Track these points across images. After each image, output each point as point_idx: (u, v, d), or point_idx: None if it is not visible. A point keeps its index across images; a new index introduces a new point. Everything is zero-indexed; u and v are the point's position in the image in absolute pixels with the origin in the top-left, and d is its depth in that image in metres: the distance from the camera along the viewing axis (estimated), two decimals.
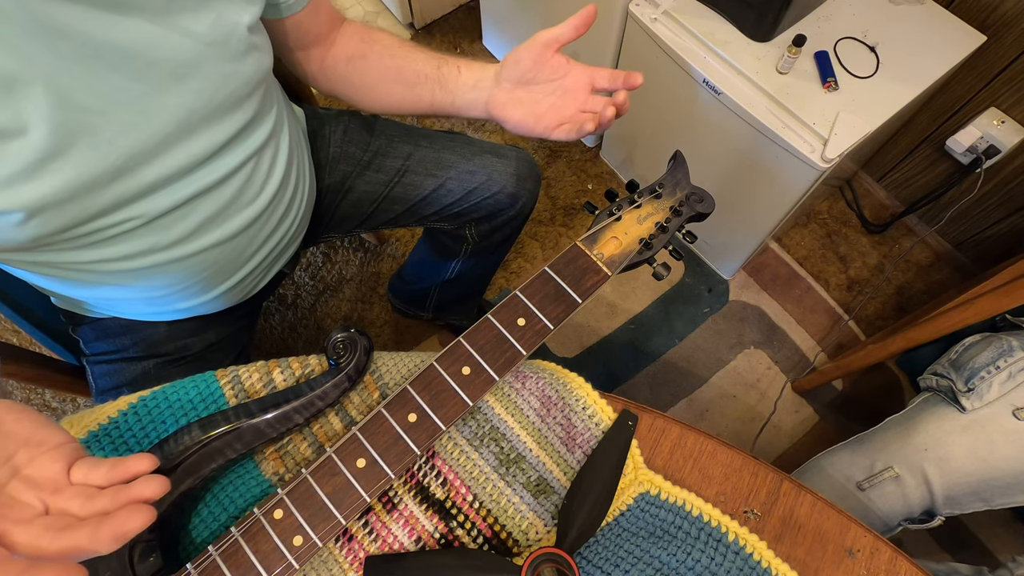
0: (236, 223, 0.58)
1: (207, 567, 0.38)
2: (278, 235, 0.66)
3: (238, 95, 0.52)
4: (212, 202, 0.55)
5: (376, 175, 0.78)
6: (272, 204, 0.62)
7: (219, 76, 0.49)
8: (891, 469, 0.80)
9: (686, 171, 0.53)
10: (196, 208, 0.54)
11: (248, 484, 0.46)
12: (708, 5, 1.03)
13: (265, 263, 0.67)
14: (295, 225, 0.69)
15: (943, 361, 0.87)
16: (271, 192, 0.61)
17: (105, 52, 0.42)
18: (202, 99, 0.49)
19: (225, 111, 0.51)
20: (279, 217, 0.64)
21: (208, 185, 0.53)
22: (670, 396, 1.31)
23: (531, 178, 0.83)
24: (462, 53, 1.66)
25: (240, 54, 0.51)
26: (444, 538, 0.45)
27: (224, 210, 0.56)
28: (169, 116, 0.47)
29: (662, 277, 0.50)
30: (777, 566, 0.45)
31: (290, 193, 0.65)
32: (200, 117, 0.49)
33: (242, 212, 0.58)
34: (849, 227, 1.48)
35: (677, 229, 0.51)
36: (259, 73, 0.54)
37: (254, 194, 0.59)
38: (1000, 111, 1.13)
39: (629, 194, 0.51)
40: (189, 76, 0.47)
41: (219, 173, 0.54)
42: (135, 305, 0.63)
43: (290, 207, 0.66)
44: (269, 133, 0.59)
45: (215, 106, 0.50)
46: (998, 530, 1.18)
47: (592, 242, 0.48)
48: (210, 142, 0.51)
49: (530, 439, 0.49)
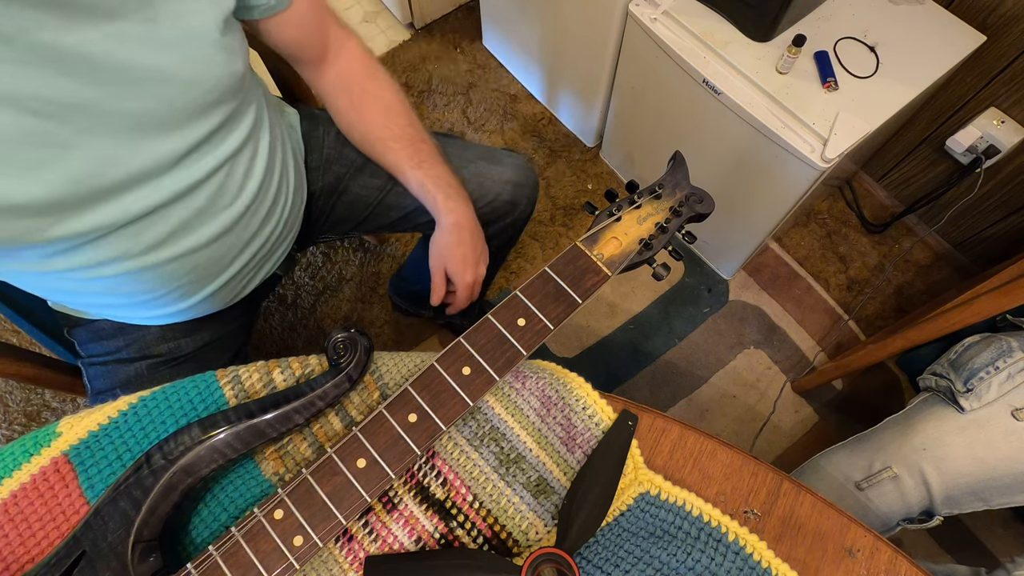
0: (212, 228, 0.57)
1: (208, 567, 0.38)
2: (261, 238, 0.65)
3: (206, 100, 0.51)
4: (183, 208, 0.54)
5: (370, 180, 0.77)
6: (251, 208, 0.61)
7: (181, 81, 0.48)
8: (890, 469, 0.80)
9: (686, 171, 0.53)
10: (167, 215, 0.53)
11: (248, 484, 0.46)
12: (708, 5, 1.03)
13: (251, 266, 0.66)
14: (280, 227, 0.68)
15: (942, 361, 0.87)
16: (249, 196, 0.60)
17: (57, 57, 0.41)
18: (162, 103, 0.48)
19: (191, 116, 0.50)
20: (260, 220, 0.63)
21: (179, 191, 0.52)
22: (670, 396, 1.31)
23: (528, 185, 0.82)
24: (462, 53, 1.66)
25: (205, 58, 0.49)
26: (444, 538, 0.45)
27: (198, 216, 0.55)
28: (127, 121, 0.46)
29: (662, 277, 0.50)
30: (777, 566, 0.45)
31: (272, 196, 0.64)
32: (161, 122, 0.48)
33: (217, 217, 0.57)
34: (849, 227, 1.48)
35: (677, 229, 0.51)
36: (229, 78, 0.52)
37: (230, 199, 0.58)
38: (1000, 111, 1.13)
39: (629, 194, 0.52)
40: (147, 80, 0.46)
41: (190, 179, 0.53)
42: (121, 310, 0.63)
43: (272, 210, 0.65)
44: (245, 137, 0.57)
45: (178, 110, 0.49)
46: (997, 530, 1.18)
47: (592, 242, 0.48)
48: (175, 147, 0.50)
49: (530, 439, 0.49)
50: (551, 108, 1.59)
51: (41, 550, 0.43)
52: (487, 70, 1.65)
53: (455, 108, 1.59)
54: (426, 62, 1.65)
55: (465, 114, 1.59)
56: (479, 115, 1.58)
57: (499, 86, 1.63)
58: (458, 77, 1.64)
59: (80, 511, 0.44)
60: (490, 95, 1.61)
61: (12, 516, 0.44)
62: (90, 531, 0.40)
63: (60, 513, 0.44)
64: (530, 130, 1.57)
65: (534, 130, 1.57)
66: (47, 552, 0.42)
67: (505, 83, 1.63)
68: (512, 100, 1.61)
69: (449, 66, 1.65)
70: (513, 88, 1.62)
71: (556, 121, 1.59)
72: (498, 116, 1.59)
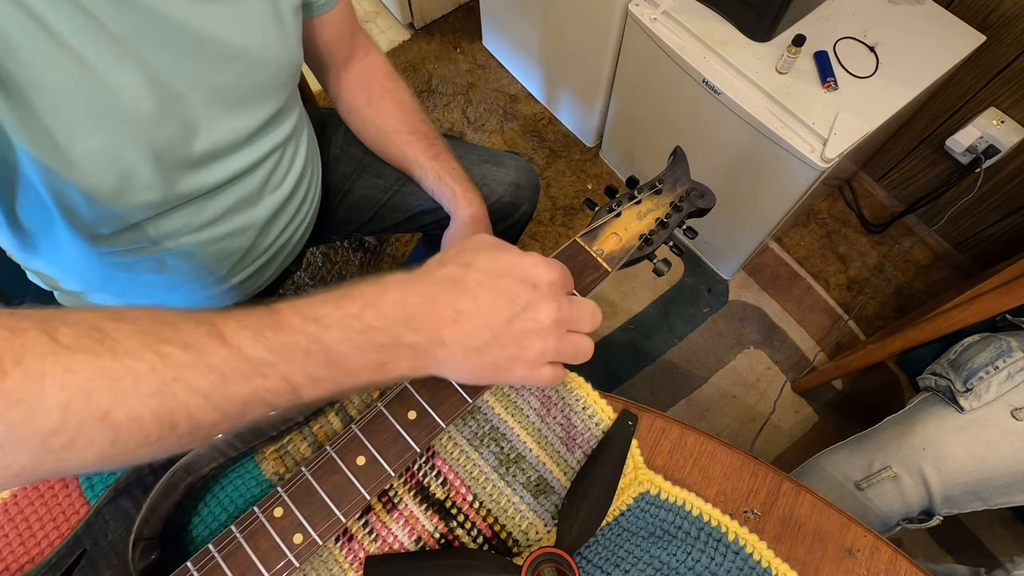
0: (261, 210, 0.60)
1: (208, 565, 0.38)
2: (293, 226, 0.68)
3: (275, 81, 0.55)
4: (243, 186, 0.57)
5: (375, 180, 0.78)
6: (292, 194, 0.64)
7: (258, 60, 0.52)
8: (889, 469, 0.80)
9: (686, 167, 0.53)
10: (229, 191, 0.56)
11: (248, 484, 0.46)
12: (708, 5, 1.03)
13: (280, 255, 0.69)
14: (308, 218, 0.70)
15: (942, 361, 0.87)
16: (292, 182, 0.63)
17: (164, 26, 0.43)
18: (243, 80, 0.51)
19: (261, 95, 0.54)
20: (295, 208, 0.66)
21: (243, 168, 0.55)
22: (670, 396, 1.31)
23: (530, 187, 0.83)
24: (462, 53, 1.66)
25: (279, 42, 0.54)
26: (444, 538, 0.45)
27: (252, 195, 0.59)
28: (211, 94, 0.49)
29: (663, 273, 0.50)
30: (777, 566, 0.45)
31: (305, 186, 0.67)
32: (237, 98, 0.51)
33: (266, 199, 0.61)
34: (849, 227, 1.48)
35: (677, 225, 0.51)
36: (293, 63, 0.57)
37: (278, 182, 0.61)
38: (1000, 111, 1.13)
39: (629, 190, 0.51)
40: (232, 58, 0.49)
41: (252, 158, 0.56)
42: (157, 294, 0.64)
43: (304, 200, 0.68)
44: (295, 123, 0.61)
45: (252, 88, 0.53)
46: (997, 530, 1.18)
47: (592, 238, 0.48)
48: (246, 124, 0.54)
49: (530, 439, 0.49)
50: (551, 108, 1.59)
51: (41, 550, 0.43)
52: (487, 70, 1.65)
53: (455, 108, 1.59)
54: (426, 62, 1.65)
55: (465, 114, 1.59)
56: (479, 115, 1.58)
57: (499, 86, 1.63)
58: (458, 77, 1.64)
59: (80, 511, 0.44)
60: (490, 95, 1.61)
61: (12, 516, 0.44)
62: (91, 530, 0.40)
63: (60, 513, 0.44)
64: (530, 130, 1.57)
65: (534, 130, 1.57)
66: (47, 552, 0.42)
67: (505, 83, 1.63)
68: (512, 100, 1.61)
69: (449, 66, 1.65)
70: (513, 88, 1.63)
71: (556, 121, 1.59)
72: (498, 116, 1.59)
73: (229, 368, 0.29)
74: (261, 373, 0.30)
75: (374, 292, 0.33)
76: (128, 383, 0.27)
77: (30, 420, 0.25)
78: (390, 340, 0.32)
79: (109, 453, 0.28)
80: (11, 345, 0.26)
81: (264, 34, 0.52)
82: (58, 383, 0.26)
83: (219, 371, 0.29)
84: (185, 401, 0.28)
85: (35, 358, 0.26)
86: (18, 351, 0.26)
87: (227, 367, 0.29)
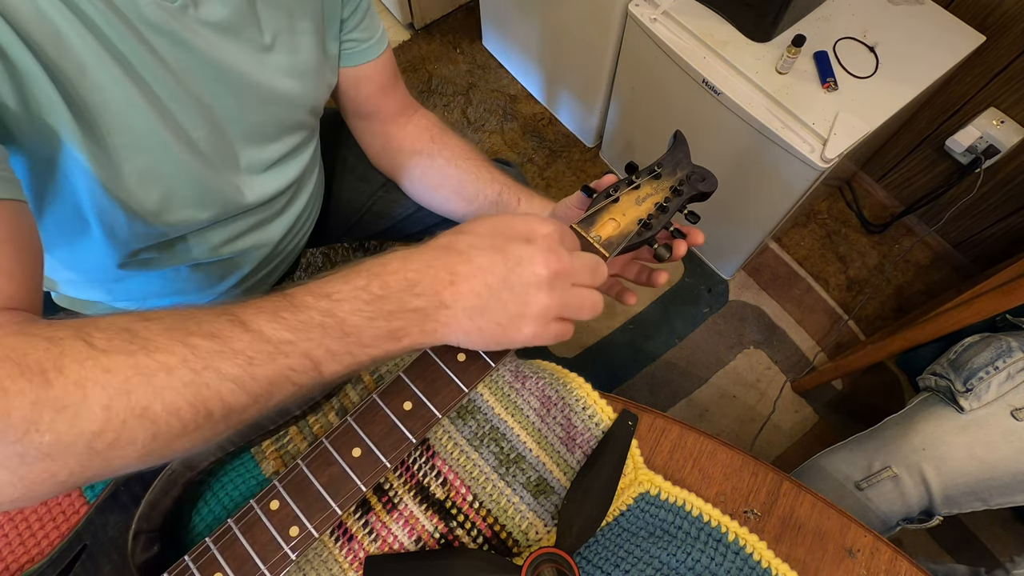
0: (277, 227, 0.63)
1: (204, 558, 0.38)
2: (299, 236, 0.69)
3: (306, 119, 0.59)
4: (268, 208, 0.60)
5: (360, 183, 0.78)
6: (304, 210, 0.66)
7: (299, 105, 0.56)
8: (889, 469, 0.80)
9: (687, 150, 0.52)
10: (255, 211, 0.59)
11: (248, 483, 0.46)
12: (708, 5, 1.03)
13: (284, 264, 0.70)
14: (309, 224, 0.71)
15: (942, 361, 0.87)
16: (304, 199, 0.66)
17: (215, 67, 0.47)
18: (280, 119, 0.55)
19: (291, 130, 0.57)
20: (304, 221, 0.68)
21: (272, 192, 0.58)
22: (670, 396, 1.31)
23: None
24: (461, 53, 1.66)
25: (320, 85, 0.57)
26: (444, 538, 0.45)
27: (274, 214, 0.61)
28: (248, 128, 0.52)
29: (664, 258, 0.49)
30: (777, 566, 0.45)
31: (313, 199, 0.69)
32: (271, 133, 0.55)
33: (284, 217, 0.63)
34: (849, 227, 1.48)
35: (679, 209, 0.50)
36: (323, 100, 0.60)
37: (294, 201, 0.64)
38: (999, 111, 1.13)
39: (627, 175, 0.50)
40: (277, 102, 0.53)
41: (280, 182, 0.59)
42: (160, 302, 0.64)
43: (312, 211, 0.70)
44: (314, 149, 0.64)
45: (284, 126, 0.56)
46: (997, 530, 1.18)
47: (589, 224, 0.47)
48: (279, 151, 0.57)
49: (530, 439, 0.49)
50: (551, 108, 1.59)
51: (41, 550, 0.43)
52: (487, 70, 1.65)
53: (455, 108, 1.59)
54: (426, 62, 1.65)
55: (465, 114, 1.59)
56: (479, 115, 1.58)
57: (499, 86, 1.63)
58: (458, 77, 1.64)
59: (80, 511, 0.44)
60: (490, 95, 1.61)
61: (12, 516, 0.44)
62: (91, 525, 0.40)
63: (60, 513, 0.44)
64: (530, 130, 1.57)
65: (534, 130, 1.57)
66: (47, 552, 0.42)
67: (505, 83, 1.63)
68: (512, 100, 1.61)
69: (449, 66, 1.65)
70: (513, 88, 1.63)
71: (556, 121, 1.59)
72: (498, 116, 1.59)
73: (253, 351, 0.31)
74: (283, 352, 0.31)
75: (378, 265, 0.35)
76: (163, 377, 0.29)
77: (76, 424, 0.27)
78: (397, 307, 0.34)
79: (151, 447, 0.29)
80: (51, 355, 0.27)
81: (309, 81, 0.55)
82: (99, 385, 0.27)
83: (245, 355, 0.30)
84: (217, 388, 0.30)
85: (75, 364, 0.27)
86: (58, 359, 0.27)
87: (251, 351, 0.31)
